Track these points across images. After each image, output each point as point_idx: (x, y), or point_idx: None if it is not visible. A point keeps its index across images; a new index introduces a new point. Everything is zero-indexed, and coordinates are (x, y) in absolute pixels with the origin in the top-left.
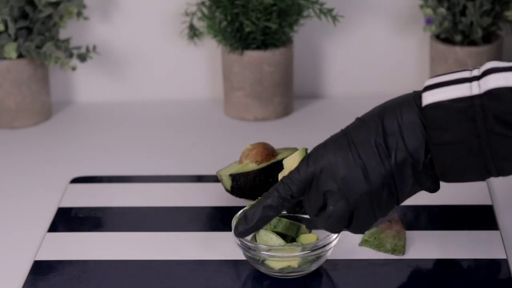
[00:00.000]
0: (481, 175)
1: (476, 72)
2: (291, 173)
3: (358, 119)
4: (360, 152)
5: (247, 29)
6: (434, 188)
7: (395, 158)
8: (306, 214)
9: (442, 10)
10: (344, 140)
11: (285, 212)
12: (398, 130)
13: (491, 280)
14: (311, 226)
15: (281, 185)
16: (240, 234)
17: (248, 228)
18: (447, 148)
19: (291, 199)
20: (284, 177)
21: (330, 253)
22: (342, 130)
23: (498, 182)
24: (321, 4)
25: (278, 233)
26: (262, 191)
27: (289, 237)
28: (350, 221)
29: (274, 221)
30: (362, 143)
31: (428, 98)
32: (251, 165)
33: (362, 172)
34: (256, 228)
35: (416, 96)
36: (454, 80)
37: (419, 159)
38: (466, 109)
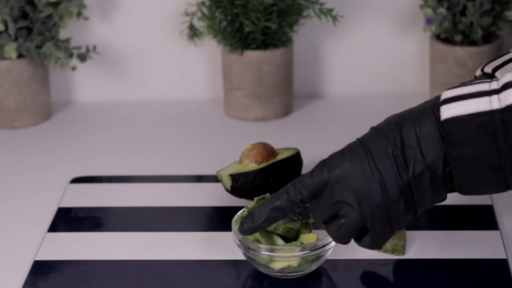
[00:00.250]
0: (501, 189)
1: (495, 85)
2: (303, 176)
3: (374, 128)
4: (377, 163)
5: (247, 29)
6: (444, 198)
7: (413, 171)
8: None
9: (442, 10)
10: (361, 149)
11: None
12: (416, 142)
13: (491, 280)
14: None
15: (291, 188)
16: (244, 232)
17: (253, 227)
18: (466, 163)
19: (300, 203)
20: (296, 180)
21: (330, 253)
22: (358, 139)
23: None
24: (321, 4)
25: (278, 235)
26: (262, 191)
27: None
28: (362, 234)
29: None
30: (380, 154)
31: (447, 112)
32: (251, 165)
33: (379, 184)
34: (261, 228)
35: (434, 106)
36: (472, 93)
37: (437, 172)
38: (487, 124)
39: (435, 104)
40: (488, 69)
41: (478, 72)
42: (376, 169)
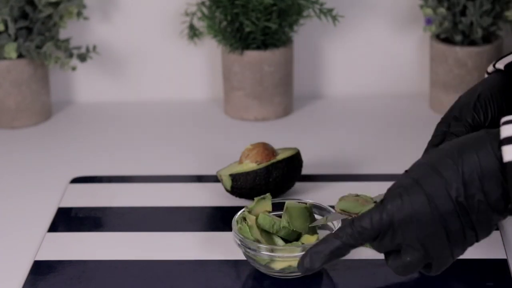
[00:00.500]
0: None
1: None
2: (362, 219)
3: (428, 165)
4: (441, 211)
5: (247, 29)
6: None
7: (477, 213)
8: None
9: (442, 10)
10: (420, 194)
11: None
12: (479, 185)
13: (491, 280)
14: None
15: (349, 229)
16: (305, 271)
17: (311, 269)
18: None
19: (359, 245)
20: (354, 223)
21: None
22: (412, 178)
23: None
24: (321, 4)
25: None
26: (262, 191)
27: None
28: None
29: (277, 225)
30: (442, 200)
31: (510, 155)
32: (251, 165)
33: (445, 232)
34: (319, 268)
35: (494, 142)
36: None
37: (500, 211)
38: None
39: (495, 138)
40: (500, 65)
41: (491, 68)
42: (440, 216)
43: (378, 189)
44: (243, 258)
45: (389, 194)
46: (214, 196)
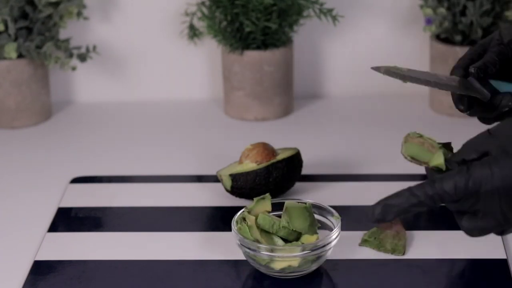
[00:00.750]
0: None
1: None
2: (445, 183)
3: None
4: None
5: (247, 29)
6: None
7: None
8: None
9: (442, 10)
10: (511, 169)
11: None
12: None
13: (491, 280)
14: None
15: (430, 191)
16: (375, 221)
17: (382, 220)
18: None
19: (435, 206)
20: (436, 184)
21: (330, 253)
22: (501, 147)
23: None
24: (321, 4)
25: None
26: (262, 191)
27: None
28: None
29: (277, 225)
30: None
31: None
32: (251, 165)
33: None
34: (390, 220)
35: None
36: None
37: None
38: None
39: None
40: None
41: None
42: None
43: (378, 189)
44: (243, 258)
45: (469, 151)
46: (214, 196)
